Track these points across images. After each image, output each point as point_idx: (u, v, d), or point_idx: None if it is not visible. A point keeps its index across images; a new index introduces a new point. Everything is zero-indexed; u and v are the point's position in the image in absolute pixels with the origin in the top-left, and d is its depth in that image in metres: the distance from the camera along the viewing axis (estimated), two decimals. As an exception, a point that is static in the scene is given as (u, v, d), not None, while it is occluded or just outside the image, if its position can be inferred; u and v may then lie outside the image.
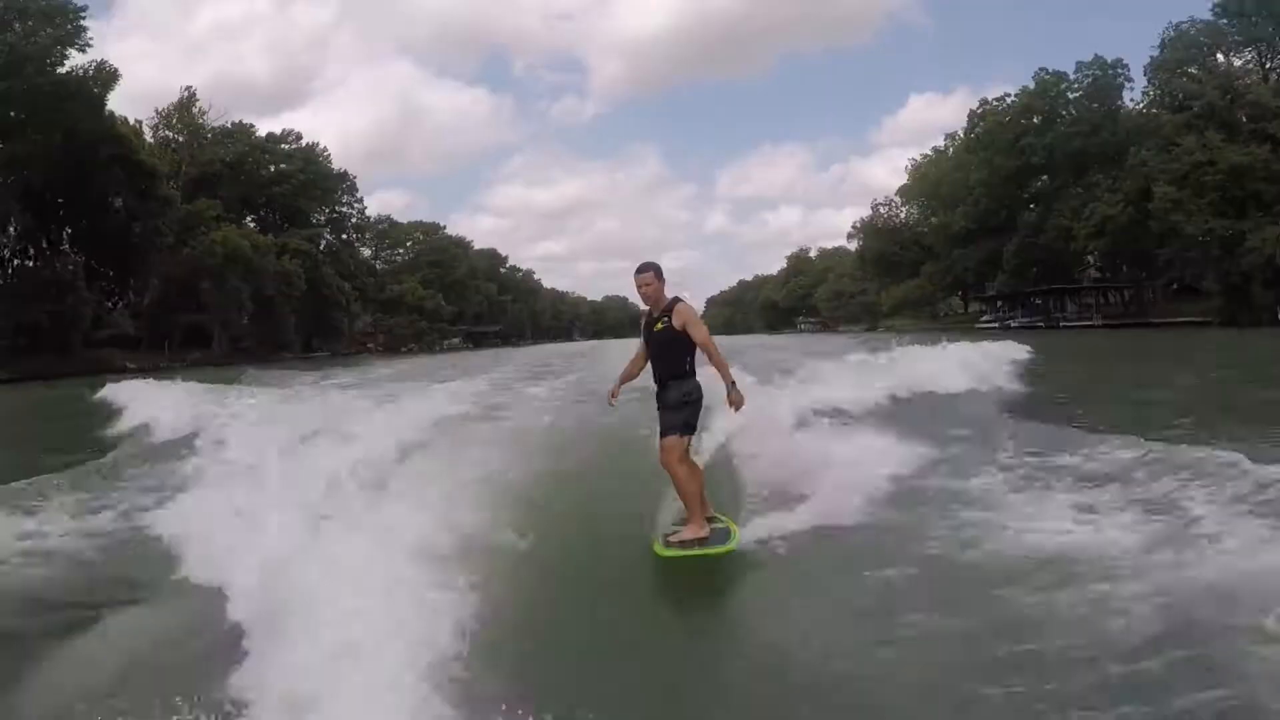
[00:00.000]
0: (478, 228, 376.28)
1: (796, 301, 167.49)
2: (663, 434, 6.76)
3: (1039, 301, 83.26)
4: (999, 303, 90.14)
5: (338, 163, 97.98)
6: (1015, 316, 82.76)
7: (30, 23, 49.48)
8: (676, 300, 6.93)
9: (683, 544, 6.47)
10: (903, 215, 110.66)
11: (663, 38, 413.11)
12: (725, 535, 6.60)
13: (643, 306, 7.18)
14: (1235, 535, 5.72)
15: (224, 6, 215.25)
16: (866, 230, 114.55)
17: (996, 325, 78.21)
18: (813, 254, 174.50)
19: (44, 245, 57.88)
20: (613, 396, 7.51)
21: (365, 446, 8.84)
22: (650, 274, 6.95)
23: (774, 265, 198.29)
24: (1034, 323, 75.92)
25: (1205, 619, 4.50)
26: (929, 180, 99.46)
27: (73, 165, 53.32)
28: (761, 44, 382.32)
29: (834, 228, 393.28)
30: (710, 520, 6.77)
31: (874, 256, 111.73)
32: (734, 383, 6.63)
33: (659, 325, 6.87)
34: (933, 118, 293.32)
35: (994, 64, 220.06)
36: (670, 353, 6.84)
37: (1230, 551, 5.41)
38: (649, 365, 7.16)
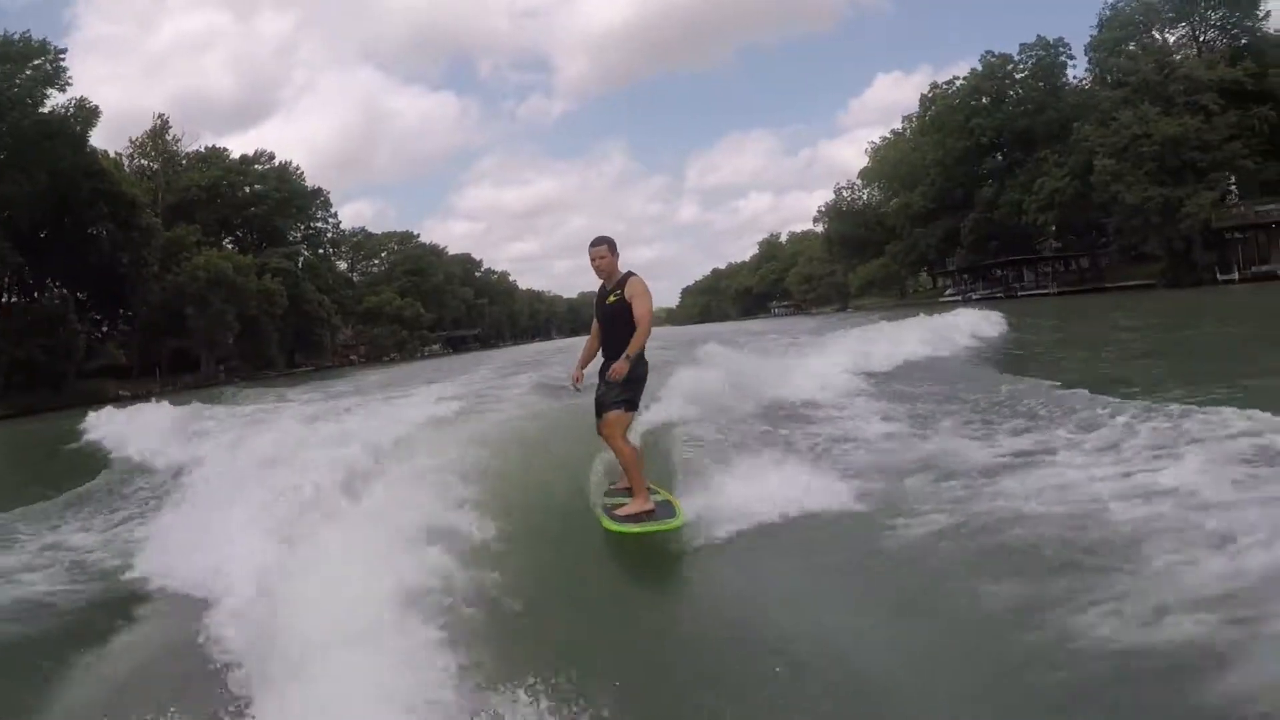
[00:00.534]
0: (450, 232, 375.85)
1: (769, 286, 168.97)
2: (607, 409, 6.77)
3: (1001, 273, 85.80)
4: (964, 276, 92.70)
5: (307, 176, 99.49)
6: (977, 289, 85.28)
7: (9, 66, 50.76)
8: (630, 274, 6.94)
9: (631, 518, 6.48)
10: (865, 197, 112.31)
11: (627, 32, 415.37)
12: (670, 509, 6.61)
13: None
14: (949, 433, 9.21)
15: (184, 22, 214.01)
16: (831, 213, 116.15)
17: (959, 298, 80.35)
18: (783, 238, 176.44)
19: (33, 281, 59.15)
20: (576, 381, 7.50)
21: (342, 452, 8.78)
22: (604, 247, 6.94)
23: (747, 252, 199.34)
24: (994, 294, 78.06)
25: (887, 464, 8.05)
26: (888, 162, 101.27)
27: (58, 201, 54.54)
28: (725, 34, 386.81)
29: (805, 211, 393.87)
30: (650, 493, 6.84)
31: (840, 238, 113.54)
32: (629, 357, 6.60)
33: (611, 298, 6.90)
34: (899, 96, 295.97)
35: (956, 39, 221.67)
36: (622, 327, 6.80)
37: (934, 440, 8.85)
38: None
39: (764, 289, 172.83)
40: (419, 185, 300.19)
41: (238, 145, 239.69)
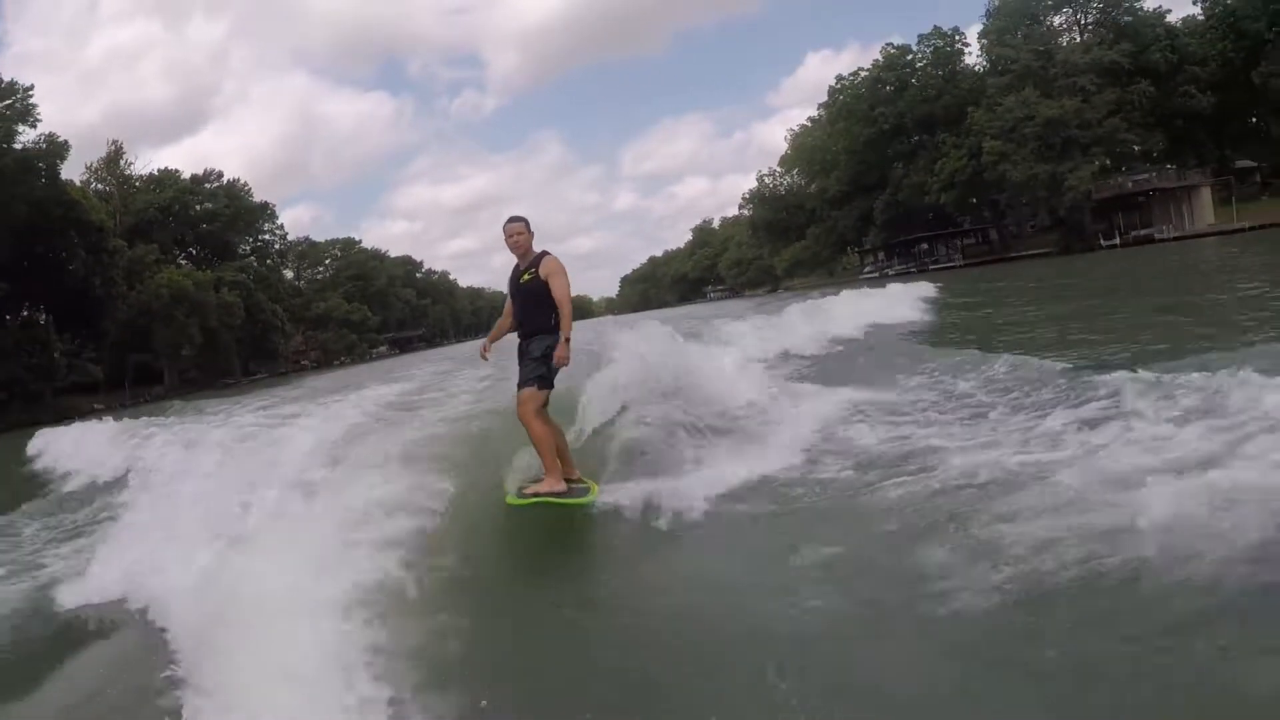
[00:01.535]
0: (388, 233, 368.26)
1: (704, 272, 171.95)
2: (521, 385, 6.68)
3: (923, 247, 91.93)
4: (880, 254, 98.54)
5: (244, 183, 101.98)
6: (893, 265, 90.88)
7: None
8: (545, 253, 6.89)
9: (536, 496, 6.47)
10: (786, 183, 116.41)
11: (557, 23, 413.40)
12: (584, 493, 6.66)
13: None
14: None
15: (115, 33, 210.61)
16: (755, 199, 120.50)
17: (876, 274, 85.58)
18: (716, 224, 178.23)
19: (14, 306, 62.02)
20: (484, 351, 7.59)
21: (283, 453, 8.96)
22: (520, 224, 6.89)
23: (685, 238, 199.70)
24: (909, 269, 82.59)
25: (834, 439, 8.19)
26: (806, 149, 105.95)
27: (35, 231, 57.80)
28: (656, 20, 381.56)
29: (741, 193, 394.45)
30: (572, 481, 6.80)
31: (764, 223, 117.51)
32: (568, 339, 6.63)
33: (526, 276, 6.82)
34: (829, 75, 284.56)
35: (883, 14, 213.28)
36: (536, 305, 6.79)
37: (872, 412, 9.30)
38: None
39: (699, 274, 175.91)
40: (356, 188, 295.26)
41: (174, 155, 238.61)
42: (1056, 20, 78.69)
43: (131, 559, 6.68)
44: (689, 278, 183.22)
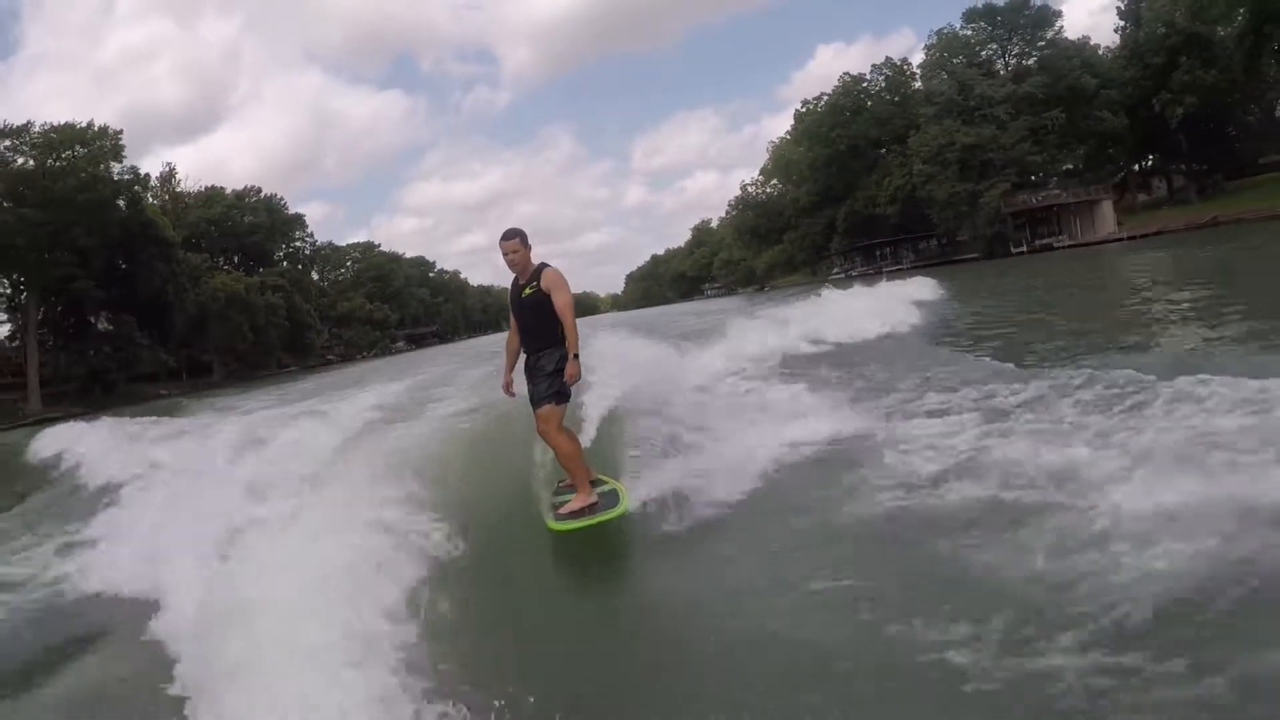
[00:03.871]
0: (399, 229, 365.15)
1: (701, 270, 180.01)
2: (538, 404, 6.55)
3: (885, 251, 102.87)
4: (851, 256, 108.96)
5: (258, 181, 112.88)
6: (856, 267, 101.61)
7: (84, 149, 64.64)
8: (544, 265, 6.71)
9: (573, 515, 6.28)
10: (768, 191, 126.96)
11: (570, 18, 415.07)
12: (614, 498, 6.45)
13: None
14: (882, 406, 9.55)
15: (129, 33, 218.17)
16: (739, 205, 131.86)
17: (843, 275, 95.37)
18: (714, 223, 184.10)
19: (105, 309, 73.18)
20: (507, 389, 7.21)
21: (299, 443, 9.42)
22: (516, 240, 6.68)
23: (689, 236, 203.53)
24: (867, 271, 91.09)
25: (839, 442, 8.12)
26: (782, 161, 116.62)
27: (121, 246, 68.77)
28: (667, 15, 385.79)
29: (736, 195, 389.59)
30: (595, 484, 6.65)
31: (748, 228, 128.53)
32: (577, 355, 6.43)
33: (527, 291, 6.64)
34: (839, 68, 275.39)
35: (895, 5, 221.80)
36: (541, 319, 6.60)
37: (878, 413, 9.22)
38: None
39: (697, 273, 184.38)
40: (367, 184, 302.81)
41: (188, 153, 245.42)
42: (985, 53, 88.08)
43: (137, 559, 6.90)
44: (688, 276, 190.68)
